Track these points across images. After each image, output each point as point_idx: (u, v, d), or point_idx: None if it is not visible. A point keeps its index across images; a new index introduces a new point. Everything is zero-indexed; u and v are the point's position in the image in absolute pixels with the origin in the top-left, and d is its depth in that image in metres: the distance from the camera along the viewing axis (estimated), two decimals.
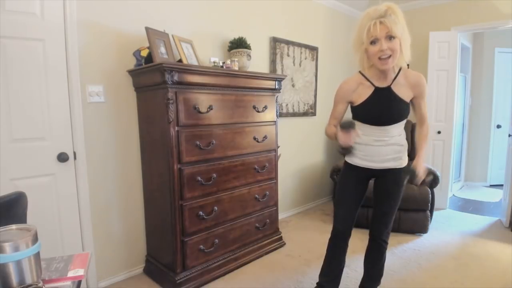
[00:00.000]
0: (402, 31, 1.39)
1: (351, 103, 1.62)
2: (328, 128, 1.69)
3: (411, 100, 1.57)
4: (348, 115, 1.64)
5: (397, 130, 1.58)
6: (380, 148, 1.58)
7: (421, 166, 1.50)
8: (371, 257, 1.82)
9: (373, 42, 1.40)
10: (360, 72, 1.59)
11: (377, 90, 1.53)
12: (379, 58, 1.41)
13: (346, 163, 1.73)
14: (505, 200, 3.21)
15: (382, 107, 1.52)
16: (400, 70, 1.53)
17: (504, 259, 2.47)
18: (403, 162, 1.63)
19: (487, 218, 3.42)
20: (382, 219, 1.71)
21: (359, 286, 1.92)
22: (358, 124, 1.59)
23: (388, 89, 1.52)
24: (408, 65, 1.60)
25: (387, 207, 1.68)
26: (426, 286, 2.12)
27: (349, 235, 1.75)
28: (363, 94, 1.55)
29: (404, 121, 1.60)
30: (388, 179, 1.65)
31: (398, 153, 1.60)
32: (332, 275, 1.81)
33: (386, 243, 1.77)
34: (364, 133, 1.59)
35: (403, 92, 1.52)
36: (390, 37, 1.38)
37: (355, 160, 1.66)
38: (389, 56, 1.40)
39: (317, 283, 1.87)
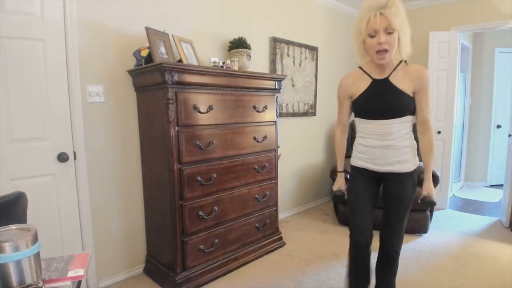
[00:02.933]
0: (401, 24, 1.35)
1: (352, 97, 1.58)
2: (337, 136, 1.74)
3: (413, 97, 1.48)
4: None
5: (400, 127, 1.47)
6: (383, 150, 1.50)
7: (433, 189, 1.49)
8: (382, 267, 1.72)
9: (371, 35, 1.38)
10: (359, 67, 1.58)
11: (375, 81, 1.49)
12: (377, 52, 1.39)
13: (351, 167, 1.67)
14: (505, 200, 3.21)
15: (380, 98, 1.47)
16: (400, 63, 1.49)
17: (504, 259, 2.47)
18: (411, 165, 1.53)
19: (487, 218, 3.41)
20: (391, 229, 1.62)
21: None
22: (359, 122, 1.58)
23: (386, 80, 1.47)
24: (405, 61, 1.54)
25: (395, 215, 1.58)
26: (426, 286, 2.12)
27: (370, 242, 1.62)
28: (361, 86, 1.53)
29: (408, 119, 1.49)
30: (395, 184, 1.55)
31: (404, 155, 1.50)
32: (361, 275, 1.69)
33: (397, 253, 1.67)
34: (366, 132, 1.54)
35: (402, 83, 1.45)
36: (389, 32, 1.35)
37: (359, 162, 1.61)
38: (386, 50, 1.37)
39: (350, 283, 1.75)
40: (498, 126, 4.72)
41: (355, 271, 1.69)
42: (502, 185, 3.45)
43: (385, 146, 1.50)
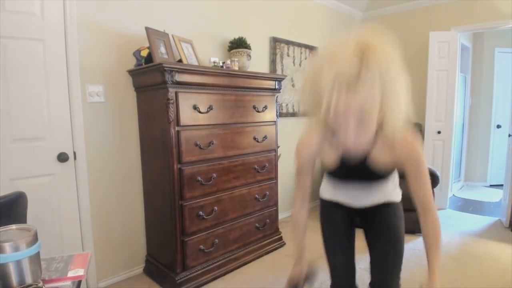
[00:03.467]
0: (384, 87, 0.84)
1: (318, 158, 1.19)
2: (296, 207, 1.27)
3: (404, 170, 1.05)
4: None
5: (382, 185, 1.19)
6: (360, 192, 1.20)
7: None
8: None
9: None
10: (322, 127, 1.06)
11: (344, 159, 1.08)
12: (346, 146, 0.97)
13: (321, 199, 1.35)
14: (505, 200, 3.21)
15: (357, 176, 1.13)
16: (379, 129, 0.95)
17: (504, 259, 2.47)
18: (395, 195, 1.24)
19: (487, 218, 3.41)
20: (381, 278, 1.25)
21: None
22: (328, 175, 1.25)
23: (362, 163, 1.06)
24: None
25: (384, 258, 1.23)
26: (426, 286, 2.11)
27: (355, 284, 1.31)
28: (330, 156, 1.11)
29: (392, 175, 1.19)
30: (379, 219, 1.23)
31: (386, 188, 1.21)
32: None
33: None
34: (337, 186, 1.24)
35: (384, 159, 1.04)
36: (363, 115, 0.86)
37: (330, 194, 1.28)
38: (361, 142, 0.94)
39: None
40: (498, 126, 4.72)
41: None
42: (502, 185, 3.45)
43: (363, 192, 1.20)
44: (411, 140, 0.99)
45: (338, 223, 1.28)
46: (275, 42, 3.18)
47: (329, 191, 1.29)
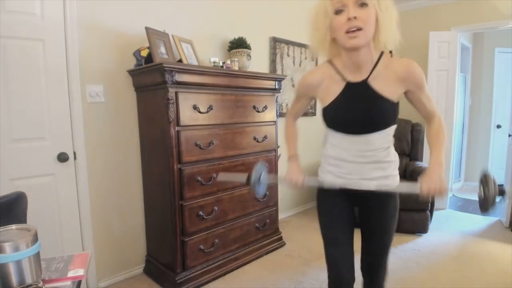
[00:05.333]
0: (383, 3, 1.02)
1: (315, 99, 1.28)
2: (288, 123, 1.41)
3: (406, 96, 1.17)
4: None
5: (382, 141, 1.16)
6: (360, 165, 1.17)
7: (432, 178, 1.05)
8: None
9: (338, 12, 1.03)
10: (328, 61, 1.20)
11: (350, 85, 1.13)
12: (346, 32, 1.02)
13: (318, 190, 1.33)
14: (505, 200, 3.21)
15: (357, 109, 1.12)
16: (381, 56, 1.12)
17: (504, 259, 2.47)
18: (392, 183, 1.21)
19: (487, 218, 3.41)
20: (372, 258, 1.30)
21: None
22: (331, 133, 1.22)
23: (365, 83, 1.11)
24: (391, 51, 1.16)
25: (376, 245, 1.28)
26: (426, 286, 2.12)
27: (353, 280, 1.26)
28: (331, 91, 1.16)
29: (392, 129, 1.17)
30: (375, 207, 1.25)
31: (386, 170, 1.19)
32: None
33: (382, 284, 1.33)
34: (339, 146, 1.20)
35: (386, 87, 1.10)
36: (362, 4, 1.00)
37: (330, 177, 1.24)
38: (360, 29, 1.01)
39: None
40: (498, 126, 4.72)
41: None
42: (502, 185, 3.45)
43: (363, 162, 1.17)
44: (409, 60, 1.11)
45: (336, 210, 1.27)
46: (275, 42, 3.18)
47: (327, 169, 1.26)
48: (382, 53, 1.13)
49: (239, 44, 2.58)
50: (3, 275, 0.86)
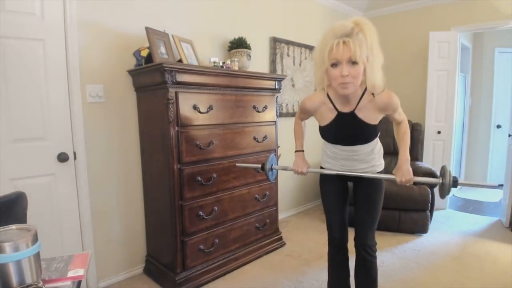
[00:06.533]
0: (369, 53, 1.25)
1: (317, 120, 1.57)
2: (297, 123, 1.73)
3: (377, 125, 1.46)
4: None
5: (367, 149, 1.51)
6: (350, 162, 1.54)
7: (402, 171, 1.38)
8: (359, 270, 1.65)
9: (334, 65, 1.26)
10: (323, 90, 1.45)
11: (340, 114, 1.43)
12: (339, 84, 1.28)
13: (321, 168, 1.70)
14: (505, 200, 3.22)
15: (346, 132, 1.45)
16: (364, 92, 1.38)
17: (504, 259, 2.47)
18: (377, 168, 1.57)
19: (487, 218, 3.41)
20: (362, 225, 1.61)
21: None
22: (326, 144, 1.60)
23: (352, 114, 1.41)
24: (373, 94, 1.39)
25: (365, 212, 1.59)
26: (426, 286, 2.12)
27: (347, 240, 1.70)
28: (326, 116, 1.47)
29: (375, 140, 1.52)
30: (363, 185, 1.59)
31: (371, 162, 1.55)
32: (342, 285, 1.73)
33: (372, 254, 1.60)
34: (333, 151, 1.58)
35: (369, 115, 1.40)
36: (353, 62, 1.23)
37: (328, 166, 1.64)
38: (351, 83, 1.26)
39: None
40: (498, 126, 4.72)
41: (334, 271, 1.72)
42: (502, 185, 3.45)
43: (353, 160, 1.54)
44: (389, 93, 1.38)
45: (333, 189, 1.66)
46: (275, 42, 3.18)
47: (326, 160, 1.65)
48: (365, 89, 1.38)
49: (239, 44, 2.58)
50: (3, 275, 0.86)
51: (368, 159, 1.54)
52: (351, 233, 1.68)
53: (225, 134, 2.23)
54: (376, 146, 1.56)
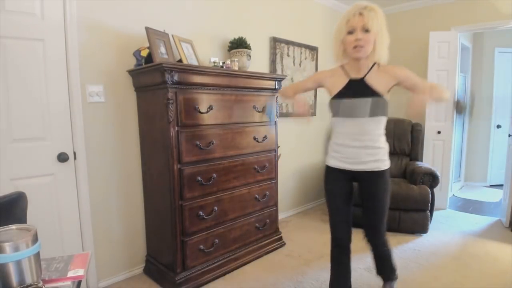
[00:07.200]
0: (378, 29, 1.45)
1: (323, 88, 1.69)
2: (286, 89, 1.82)
3: (404, 87, 1.55)
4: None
5: (373, 127, 1.54)
6: (356, 150, 1.57)
7: (418, 99, 1.41)
8: (378, 262, 1.78)
9: (350, 32, 1.48)
10: (340, 66, 1.66)
11: (352, 81, 1.58)
12: (354, 47, 1.48)
13: (326, 166, 1.74)
14: (505, 200, 3.21)
15: (355, 97, 1.54)
16: (374, 64, 1.56)
17: (504, 259, 2.47)
18: (382, 165, 1.59)
19: (487, 218, 3.41)
20: (372, 228, 1.67)
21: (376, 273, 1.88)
22: (335, 122, 1.65)
23: (362, 80, 1.55)
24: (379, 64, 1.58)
25: (372, 214, 1.64)
26: (426, 286, 2.12)
27: (349, 239, 1.71)
28: (337, 83, 1.61)
29: (382, 119, 1.55)
30: (368, 185, 1.62)
31: (376, 155, 1.57)
32: (343, 285, 1.78)
33: (386, 247, 1.71)
34: (341, 132, 1.62)
35: (377, 84, 1.53)
36: (366, 30, 1.44)
37: (334, 161, 1.67)
38: (362, 46, 1.46)
39: None
40: (498, 126, 4.72)
41: (336, 271, 1.77)
42: (502, 185, 3.45)
43: (359, 147, 1.57)
44: (395, 65, 1.57)
45: (338, 189, 1.68)
46: (275, 42, 3.18)
47: (332, 156, 1.69)
48: (374, 64, 1.57)
49: (239, 44, 2.58)
50: (3, 275, 0.86)
51: (374, 147, 1.56)
52: (355, 234, 1.70)
53: (225, 134, 2.23)
54: (382, 137, 1.60)
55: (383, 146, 1.60)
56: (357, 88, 1.55)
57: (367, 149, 1.56)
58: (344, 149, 1.60)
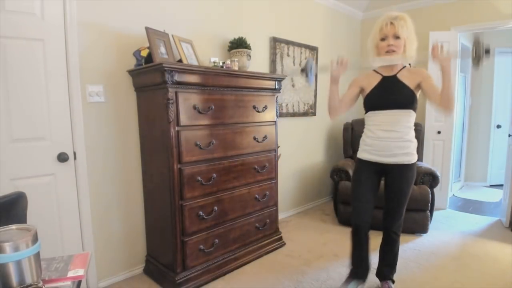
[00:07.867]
0: (407, 35, 1.70)
1: (362, 90, 1.87)
2: (336, 105, 1.93)
3: (421, 88, 1.75)
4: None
5: (404, 119, 1.72)
6: (387, 142, 1.74)
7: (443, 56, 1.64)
8: (385, 247, 1.97)
9: (383, 39, 1.73)
10: (373, 70, 1.89)
11: (384, 78, 1.80)
12: (386, 52, 1.72)
13: (357, 159, 1.91)
14: (505, 200, 3.21)
15: (388, 91, 1.75)
16: (404, 66, 1.81)
17: (504, 259, 2.47)
18: (412, 158, 1.76)
19: (487, 218, 3.41)
20: (392, 215, 1.86)
21: (376, 273, 2.05)
22: (369, 115, 1.83)
23: (395, 76, 1.78)
24: (409, 64, 1.85)
25: (394, 202, 1.83)
26: (426, 286, 2.12)
27: (368, 228, 1.86)
28: (373, 81, 1.82)
29: (412, 113, 1.74)
30: (396, 175, 1.79)
31: (407, 149, 1.74)
32: (361, 262, 1.93)
33: (397, 235, 1.92)
34: (374, 124, 1.79)
35: (407, 80, 1.75)
36: (397, 37, 1.69)
37: (365, 154, 1.84)
38: (394, 51, 1.70)
39: (350, 270, 1.98)
40: (498, 126, 4.72)
41: (355, 256, 1.92)
42: (502, 185, 3.45)
43: (390, 139, 1.74)
44: (423, 70, 1.82)
45: (366, 180, 1.84)
46: (275, 42, 3.18)
47: (363, 149, 1.85)
48: (404, 66, 1.82)
49: (239, 44, 2.58)
50: (3, 275, 0.86)
51: (404, 140, 1.73)
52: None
53: (225, 134, 2.23)
54: (412, 131, 1.77)
55: (413, 140, 1.77)
56: (390, 84, 1.77)
57: (398, 141, 1.73)
58: (376, 142, 1.77)
